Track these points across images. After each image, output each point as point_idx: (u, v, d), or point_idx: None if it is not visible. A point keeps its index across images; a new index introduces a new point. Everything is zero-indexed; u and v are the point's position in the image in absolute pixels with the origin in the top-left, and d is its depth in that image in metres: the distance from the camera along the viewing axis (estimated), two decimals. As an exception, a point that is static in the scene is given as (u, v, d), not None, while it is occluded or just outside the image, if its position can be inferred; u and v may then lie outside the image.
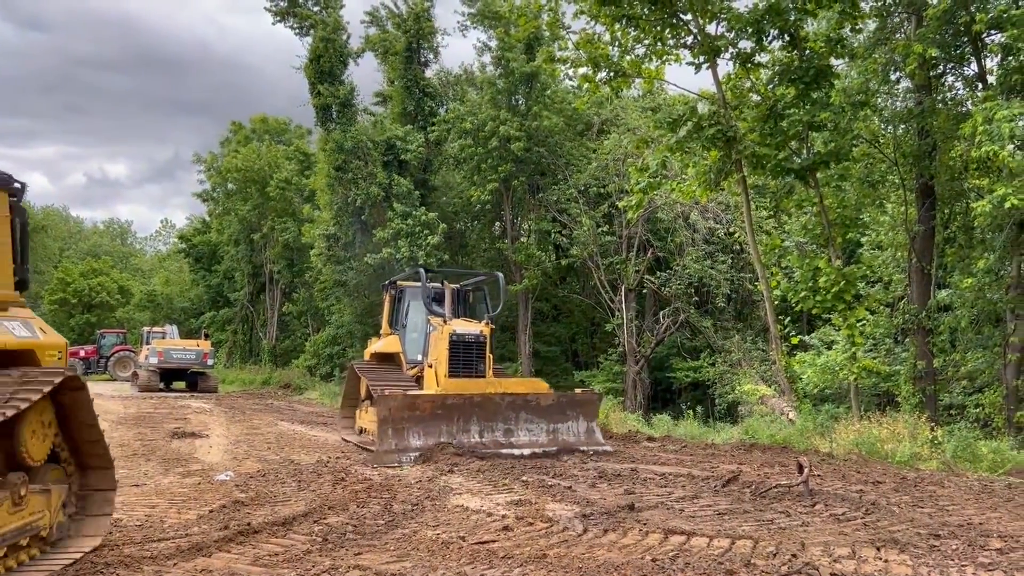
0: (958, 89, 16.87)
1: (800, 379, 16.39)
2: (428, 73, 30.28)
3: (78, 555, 5.57)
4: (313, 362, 34.56)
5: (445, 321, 13.01)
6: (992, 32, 14.72)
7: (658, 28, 14.88)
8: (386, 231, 26.09)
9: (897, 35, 16.17)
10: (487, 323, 13.44)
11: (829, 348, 18.17)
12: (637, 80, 16.52)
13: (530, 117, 26.30)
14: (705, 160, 15.79)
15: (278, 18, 28.33)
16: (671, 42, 15.12)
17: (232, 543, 6.27)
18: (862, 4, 14.75)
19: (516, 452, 11.24)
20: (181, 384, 30.04)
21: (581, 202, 26.50)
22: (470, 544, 6.27)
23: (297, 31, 28.29)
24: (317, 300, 35.54)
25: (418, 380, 13.34)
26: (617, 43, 15.33)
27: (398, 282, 15.17)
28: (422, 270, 13.75)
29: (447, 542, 6.34)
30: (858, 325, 15.04)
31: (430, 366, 12.75)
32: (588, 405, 12.39)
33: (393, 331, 14.83)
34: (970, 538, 6.47)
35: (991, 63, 15.46)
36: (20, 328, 5.51)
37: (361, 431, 14.20)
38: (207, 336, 34.93)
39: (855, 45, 15.99)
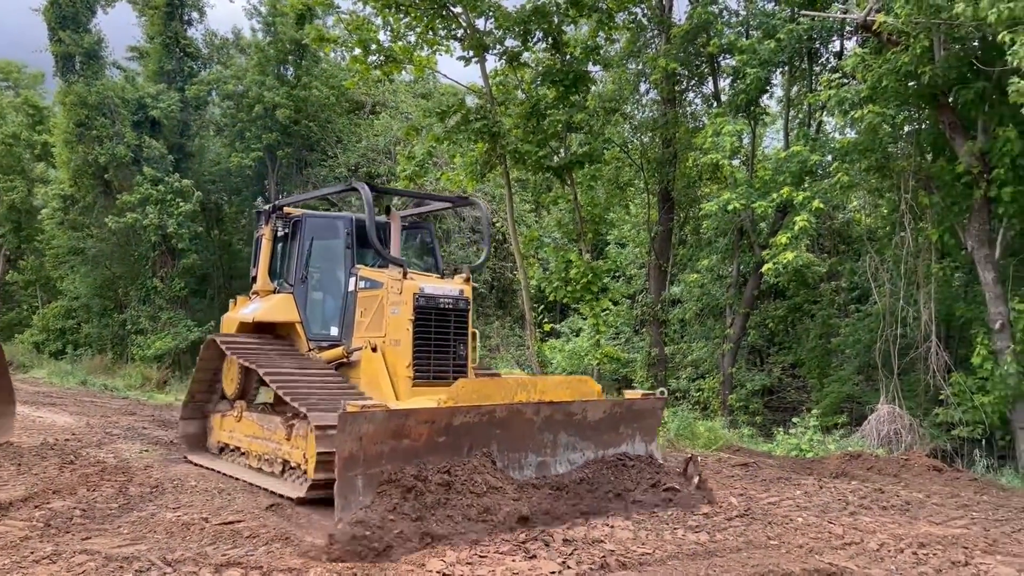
0: (697, 104, 18.67)
1: (551, 363, 17.41)
2: (191, 33, 28.25)
3: None
4: (41, 338, 31.18)
5: (405, 274, 8.39)
6: (726, 56, 16.51)
7: (429, 17, 15.02)
8: (133, 195, 24.09)
9: (648, 49, 17.61)
10: (466, 278, 8.81)
11: (577, 335, 19.48)
12: (409, 66, 16.61)
13: (299, 87, 25.47)
14: (472, 152, 16.23)
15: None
16: (442, 33, 15.33)
17: (-68, 533, 5.65)
18: (617, 17, 15.82)
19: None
20: None
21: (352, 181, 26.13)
22: (213, 525, 6.12)
23: (37, -35, 25.12)
24: (48, 269, 32.11)
25: (338, 367, 8.72)
26: (389, 28, 15.30)
27: (286, 208, 10.09)
28: (365, 187, 8.53)
29: (188, 523, 6.13)
30: (602, 315, 16.05)
31: (373, 349, 8.28)
32: (649, 416, 8.29)
33: (279, 288, 9.82)
34: (684, 506, 7.35)
35: (724, 83, 17.36)
36: None
37: (222, 449, 9.42)
38: (-93, 305, 30.33)
39: (611, 55, 17.19)
